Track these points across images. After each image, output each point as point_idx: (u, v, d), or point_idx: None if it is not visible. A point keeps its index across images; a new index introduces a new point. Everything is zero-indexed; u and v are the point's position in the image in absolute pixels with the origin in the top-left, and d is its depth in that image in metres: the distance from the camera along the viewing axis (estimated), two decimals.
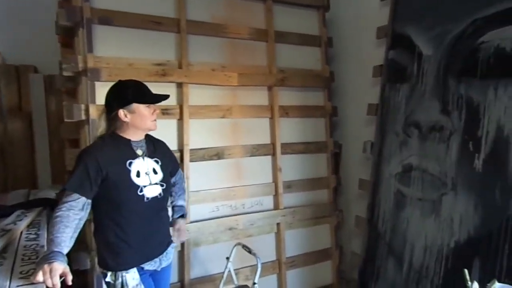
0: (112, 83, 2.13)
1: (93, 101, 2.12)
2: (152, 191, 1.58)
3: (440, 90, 2.23)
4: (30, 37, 2.90)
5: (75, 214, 1.40)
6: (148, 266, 1.61)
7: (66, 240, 1.32)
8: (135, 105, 1.54)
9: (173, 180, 1.81)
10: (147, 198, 1.56)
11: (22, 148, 2.81)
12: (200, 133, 2.43)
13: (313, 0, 2.89)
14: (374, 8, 2.80)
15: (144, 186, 1.56)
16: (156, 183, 1.60)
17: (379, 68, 2.68)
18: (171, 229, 1.76)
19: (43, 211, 1.99)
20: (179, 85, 2.37)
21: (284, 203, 2.69)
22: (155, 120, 1.59)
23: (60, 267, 1.21)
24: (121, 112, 1.54)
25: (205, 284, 2.43)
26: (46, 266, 1.19)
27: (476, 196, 2.01)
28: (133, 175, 1.55)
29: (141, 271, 1.58)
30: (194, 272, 2.40)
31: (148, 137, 1.68)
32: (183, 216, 1.85)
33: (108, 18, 2.19)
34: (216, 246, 2.48)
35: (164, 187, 1.63)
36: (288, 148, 2.75)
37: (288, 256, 2.71)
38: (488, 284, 1.33)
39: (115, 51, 2.23)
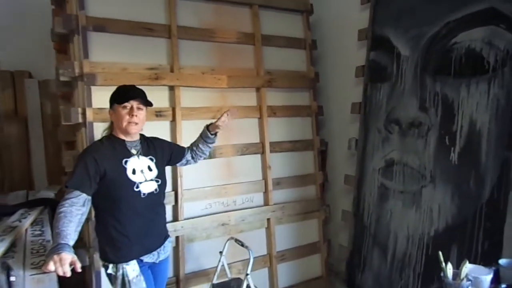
0: (107, 87, 2.27)
1: (90, 105, 2.20)
2: (147, 187, 1.68)
3: (418, 88, 2.38)
4: (24, 43, 2.97)
5: (77, 209, 1.50)
6: (147, 258, 1.71)
7: (71, 233, 1.42)
8: (115, 105, 1.66)
9: (188, 156, 1.98)
10: (144, 194, 1.66)
11: (18, 151, 2.88)
12: (192, 134, 2.49)
13: (297, 5, 3.02)
14: (354, 11, 2.93)
15: (140, 183, 1.67)
16: (151, 179, 1.71)
17: (361, 69, 2.82)
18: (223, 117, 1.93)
19: (44, 210, 2.07)
20: (171, 88, 2.48)
21: (274, 199, 2.81)
22: (135, 123, 1.65)
23: (69, 256, 1.31)
24: (109, 112, 1.71)
25: (199, 278, 2.53)
26: (55, 257, 1.28)
27: (453, 187, 2.15)
28: (129, 173, 1.66)
29: (141, 263, 1.68)
30: (189, 267, 2.50)
31: (142, 137, 1.79)
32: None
33: (102, 26, 2.29)
34: (209, 241, 2.58)
35: (160, 182, 1.73)
36: (277, 147, 2.86)
37: (278, 250, 2.82)
38: (460, 266, 1.44)
39: (109, 57, 2.32)
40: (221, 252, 2.33)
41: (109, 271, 1.63)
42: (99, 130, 2.20)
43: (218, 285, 2.28)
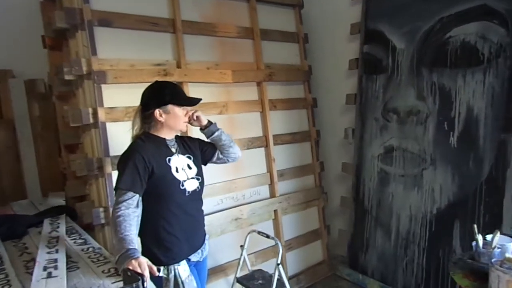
0: (117, 85, 2.17)
1: (101, 104, 2.09)
2: (191, 184, 1.67)
3: (415, 79, 2.57)
4: (4, 41, 2.69)
5: (133, 211, 1.45)
6: (194, 257, 1.69)
7: (134, 237, 1.37)
8: (170, 106, 1.61)
9: (218, 154, 1.87)
10: (188, 192, 1.65)
11: (6, 157, 2.61)
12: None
13: None
14: (345, 6, 3.07)
15: (184, 181, 1.64)
16: (192, 178, 1.69)
17: (355, 61, 2.96)
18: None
19: (66, 217, 1.94)
20: (180, 84, 2.42)
21: (279, 190, 2.88)
22: (185, 122, 1.67)
23: (145, 260, 1.27)
24: (157, 112, 1.61)
25: (217, 274, 2.53)
26: (134, 262, 1.24)
27: (453, 168, 2.37)
28: (173, 171, 1.63)
29: (189, 263, 1.66)
30: None
31: (176, 136, 1.76)
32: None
33: (108, 20, 2.17)
34: (224, 236, 2.59)
35: (200, 180, 1.72)
36: (278, 139, 2.93)
37: (286, 239, 2.91)
38: (492, 235, 1.63)
39: (116, 53, 2.21)
40: (242, 246, 2.36)
41: (161, 274, 1.59)
42: (112, 130, 2.13)
43: (243, 278, 2.31)
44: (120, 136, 2.14)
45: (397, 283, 2.68)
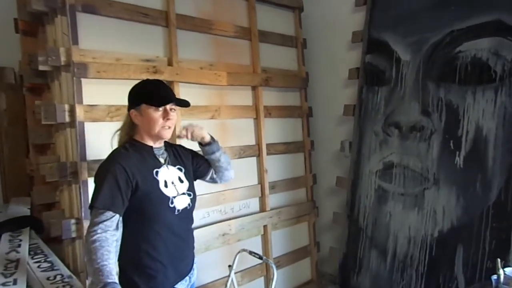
0: (99, 80, 1.92)
1: (80, 101, 1.83)
2: (181, 202, 1.44)
3: (420, 93, 2.43)
4: None
5: (112, 235, 1.21)
6: (181, 285, 1.46)
7: (113, 267, 1.14)
8: (143, 106, 1.38)
9: (212, 173, 1.66)
10: (178, 210, 1.42)
11: None
12: None
13: (289, 1, 2.91)
14: (347, 12, 2.92)
15: (174, 197, 1.41)
16: (183, 193, 1.46)
17: (356, 71, 2.82)
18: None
19: (30, 231, 1.66)
20: (170, 84, 2.18)
21: (270, 204, 2.68)
22: (168, 127, 1.40)
23: None
24: (132, 113, 1.40)
25: None
26: None
27: (458, 189, 2.24)
28: (161, 186, 1.40)
29: None
30: None
31: (165, 143, 1.53)
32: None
33: (93, 6, 1.92)
34: (208, 254, 2.36)
35: (192, 196, 1.50)
36: (271, 149, 2.73)
37: (274, 256, 2.71)
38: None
39: (100, 44, 1.96)
40: (230, 266, 2.13)
41: None
42: (90, 131, 1.87)
43: None
44: (100, 139, 1.89)
45: None
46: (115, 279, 1.10)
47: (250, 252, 2.09)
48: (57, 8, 1.85)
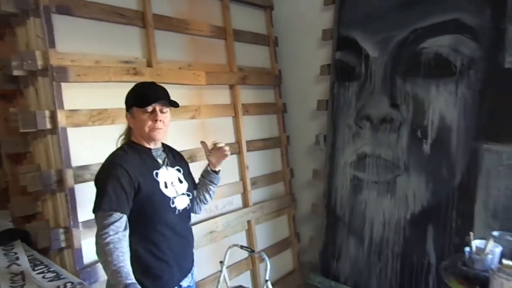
0: (79, 84, 1.87)
1: (61, 106, 1.78)
2: (182, 202, 1.47)
3: (388, 87, 2.60)
4: None
5: (123, 236, 1.23)
6: (185, 282, 1.50)
7: (130, 268, 1.15)
8: (135, 109, 1.40)
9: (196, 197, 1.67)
10: (179, 210, 1.45)
11: None
12: (174, 136, 2.27)
13: (260, 0, 2.96)
14: (316, 10, 3.02)
15: (174, 198, 1.44)
16: (183, 194, 1.49)
17: (327, 67, 2.94)
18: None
19: (22, 244, 1.60)
20: None
21: (252, 199, 2.74)
22: (159, 128, 1.41)
23: None
24: (127, 116, 1.44)
25: None
26: None
27: (426, 175, 2.43)
28: (162, 187, 1.42)
29: None
30: None
31: (164, 145, 1.55)
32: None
33: (68, 7, 1.86)
34: (197, 252, 2.32)
35: (191, 197, 1.53)
36: (251, 146, 2.79)
37: (258, 250, 2.78)
38: (485, 241, 1.66)
39: (77, 47, 1.91)
40: (221, 262, 2.17)
41: None
42: (73, 137, 1.83)
43: None
44: (84, 144, 1.86)
45: None
46: (133, 279, 1.11)
47: (241, 247, 2.14)
48: (29, 9, 1.78)
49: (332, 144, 2.91)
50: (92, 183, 1.83)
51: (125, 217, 1.27)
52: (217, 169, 1.67)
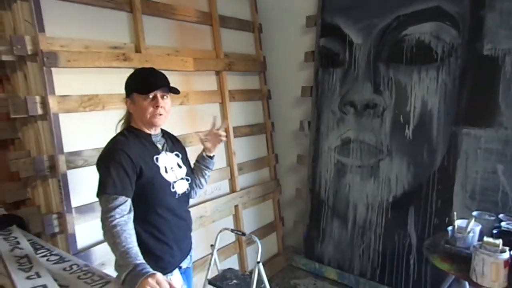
0: (69, 70, 1.85)
1: (52, 92, 1.75)
2: (181, 186, 1.50)
3: (372, 74, 2.68)
4: None
5: (128, 218, 1.25)
6: (184, 263, 1.53)
7: (138, 249, 1.18)
8: (135, 95, 1.41)
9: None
10: (178, 194, 1.47)
11: None
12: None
13: None
14: None
15: (174, 182, 1.47)
16: (182, 178, 1.52)
17: (311, 54, 2.99)
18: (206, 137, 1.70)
19: (18, 229, 1.58)
20: None
21: (239, 185, 2.79)
22: (160, 115, 1.42)
23: (164, 278, 1.08)
24: (127, 102, 1.44)
25: None
26: (150, 280, 1.04)
27: (408, 158, 2.55)
28: (162, 171, 1.44)
29: (180, 270, 1.50)
30: None
31: (163, 131, 1.56)
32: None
33: None
34: None
35: (189, 181, 1.55)
36: (237, 132, 2.82)
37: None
38: (467, 221, 1.78)
39: (66, 31, 1.86)
40: (212, 245, 2.22)
41: None
42: (65, 123, 1.80)
43: (215, 279, 2.17)
44: (75, 130, 1.85)
45: (354, 269, 2.81)
46: (142, 259, 1.14)
47: (232, 230, 2.20)
48: None
49: (316, 129, 2.98)
50: (84, 169, 1.86)
51: (129, 201, 1.28)
52: (211, 154, 1.71)
